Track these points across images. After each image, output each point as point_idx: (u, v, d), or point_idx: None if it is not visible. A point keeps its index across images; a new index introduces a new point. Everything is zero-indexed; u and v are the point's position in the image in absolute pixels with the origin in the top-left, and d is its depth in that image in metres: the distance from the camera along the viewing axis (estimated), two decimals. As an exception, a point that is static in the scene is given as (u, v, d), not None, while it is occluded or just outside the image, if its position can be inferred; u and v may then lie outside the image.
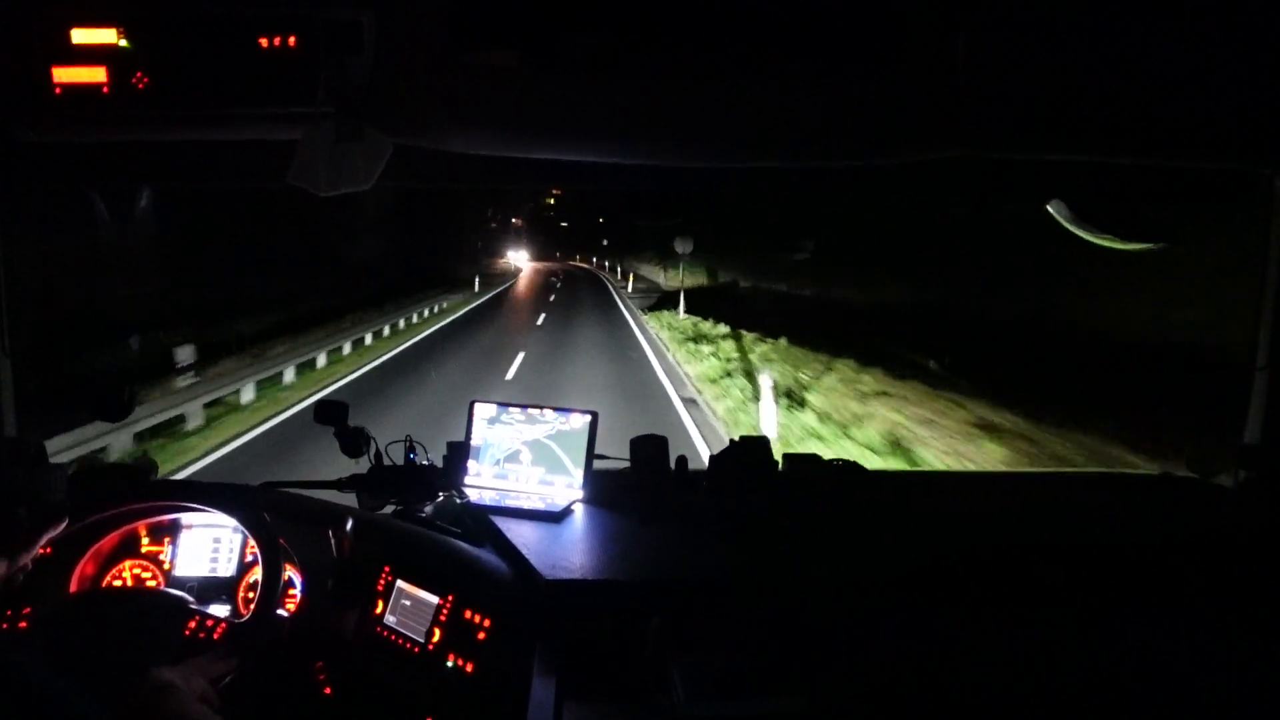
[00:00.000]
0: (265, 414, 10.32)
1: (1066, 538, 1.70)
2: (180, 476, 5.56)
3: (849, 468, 1.97)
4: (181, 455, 8.31)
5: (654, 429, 2.02)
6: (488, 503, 1.77)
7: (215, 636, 1.39)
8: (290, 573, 1.54)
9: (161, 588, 1.60)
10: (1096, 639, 1.41)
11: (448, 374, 13.22)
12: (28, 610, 1.38)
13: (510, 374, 12.82)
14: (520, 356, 14.54)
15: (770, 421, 8.76)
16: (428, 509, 1.81)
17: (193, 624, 1.41)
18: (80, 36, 1.23)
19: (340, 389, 12.09)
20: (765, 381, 9.32)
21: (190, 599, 1.48)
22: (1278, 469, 1.90)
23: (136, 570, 1.63)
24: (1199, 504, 1.97)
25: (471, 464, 1.91)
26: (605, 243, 41.14)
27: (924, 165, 1.49)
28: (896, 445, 8.21)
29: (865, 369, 11.71)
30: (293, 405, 10.82)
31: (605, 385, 12.00)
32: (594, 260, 49.05)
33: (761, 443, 1.98)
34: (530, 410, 1.92)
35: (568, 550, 1.54)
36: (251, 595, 1.58)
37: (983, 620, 1.42)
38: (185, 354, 10.90)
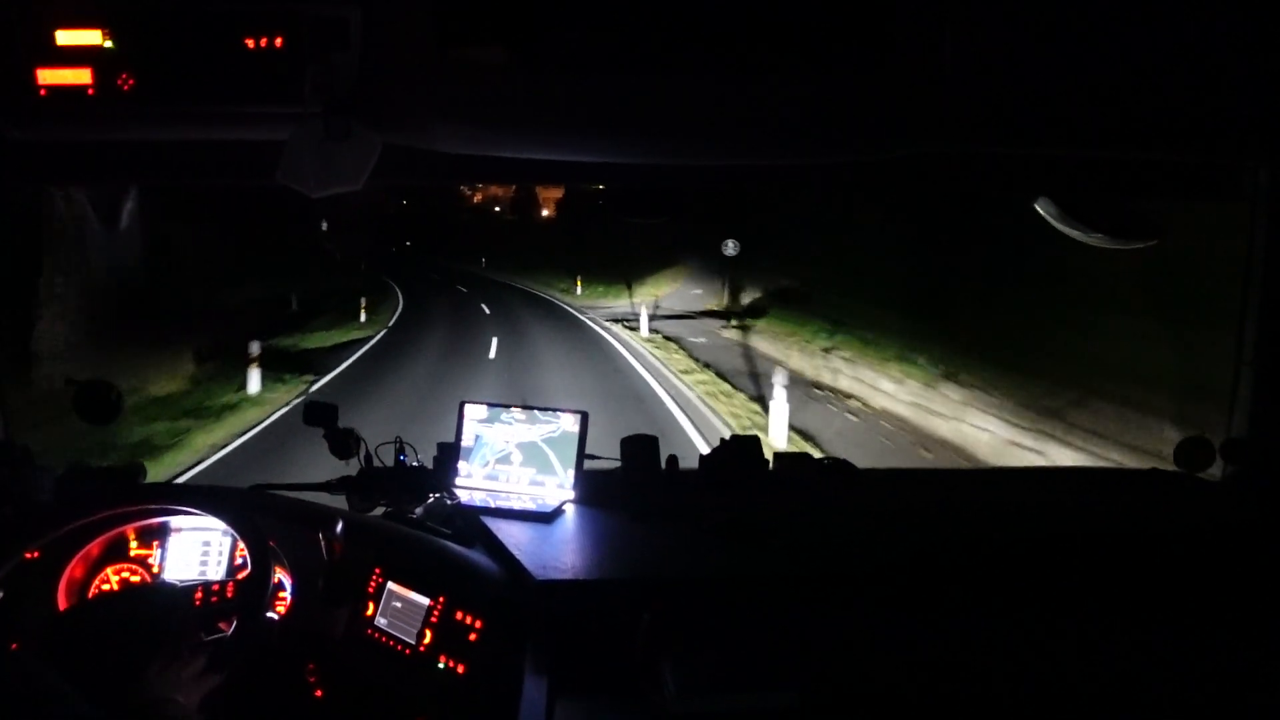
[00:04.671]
0: None
1: (1054, 532, 1.71)
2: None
3: (839, 465, 1.98)
4: None
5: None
6: (478, 504, 1.77)
7: (228, 594, 1.40)
8: (280, 575, 1.53)
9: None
10: (1085, 633, 1.42)
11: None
12: (16, 645, 1.36)
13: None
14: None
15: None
16: (418, 510, 1.80)
17: (199, 594, 1.40)
18: (65, 38, 1.22)
19: None
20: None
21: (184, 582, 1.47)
22: (1263, 463, 1.92)
23: (125, 574, 1.61)
24: (1186, 498, 1.98)
25: (462, 465, 1.91)
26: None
27: (911, 161, 1.50)
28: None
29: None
30: None
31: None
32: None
33: (752, 441, 1.98)
34: (521, 411, 1.92)
35: (559, 550, 1.54)
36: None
37: (972, 615, 1.43)
38: None
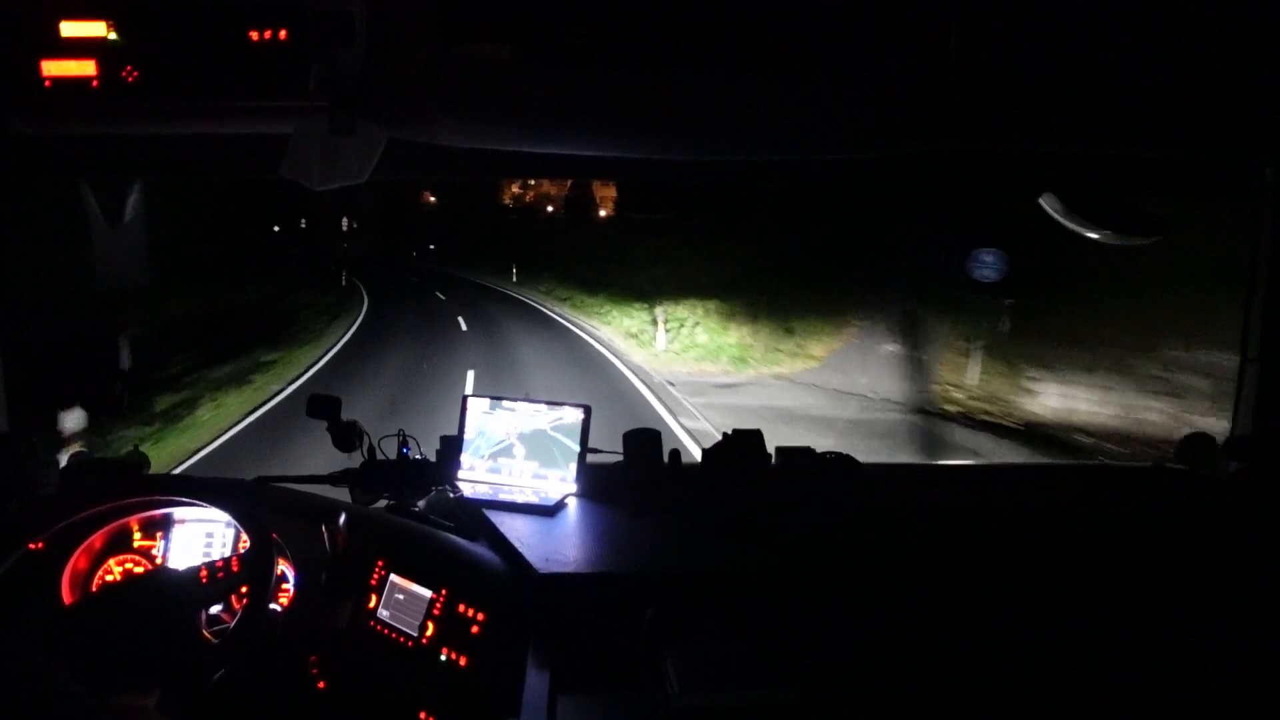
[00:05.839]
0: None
1: (1058, 529, 1.71)
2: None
3: (841, 460, 1.97)
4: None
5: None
6: (481, 497, 1.77)
7: (234, 568, 1.41)
8: (283, 567, 1.54)
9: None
10: (1088, 629, 1.42)
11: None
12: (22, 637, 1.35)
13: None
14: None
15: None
16: (421, 503, 1.81)
17: (205, 573, 1.41)
18: (69, 30, 1.22)
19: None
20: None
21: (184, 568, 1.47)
22: (1268, 460, 1.91)
23: (129, 565, 1.62)
24: (1190, 495, 1.98)
25: (465, 458, 1.91)
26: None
27: (917, 158, 1.49)
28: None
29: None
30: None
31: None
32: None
33: (754, 436, 1.98)
34: (523, 404, 1.92)
35: (561, 544, 1.55)
36: (245, 589, 1.58)
37: (975, 611, 1.43)
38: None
